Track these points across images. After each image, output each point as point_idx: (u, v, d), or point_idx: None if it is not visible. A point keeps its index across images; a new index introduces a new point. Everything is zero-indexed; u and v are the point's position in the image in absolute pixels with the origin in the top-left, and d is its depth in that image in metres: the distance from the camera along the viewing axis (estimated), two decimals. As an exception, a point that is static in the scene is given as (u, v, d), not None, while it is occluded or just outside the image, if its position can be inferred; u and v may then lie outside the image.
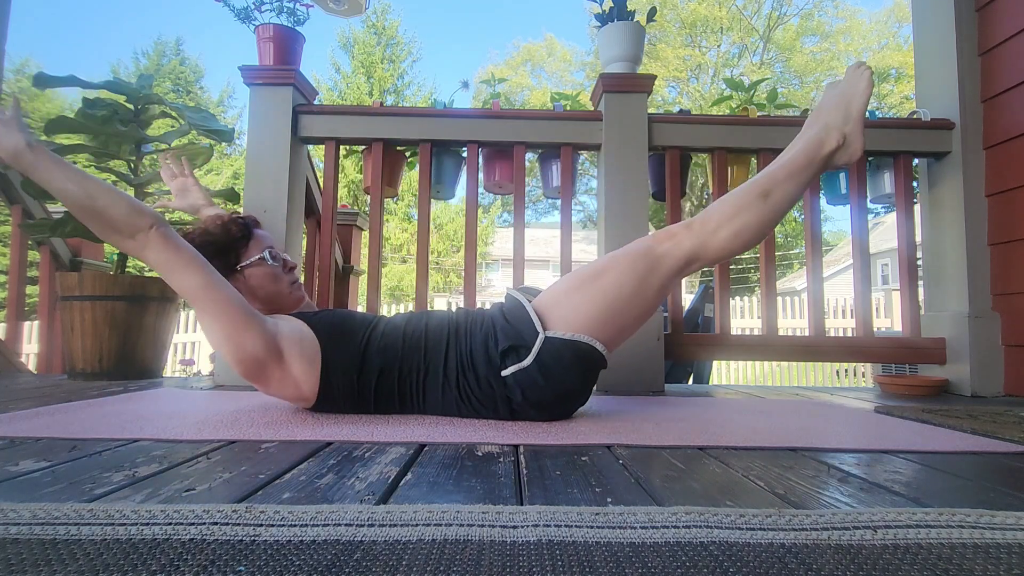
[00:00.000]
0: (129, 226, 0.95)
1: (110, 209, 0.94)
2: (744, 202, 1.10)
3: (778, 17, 20.13)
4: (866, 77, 1.17)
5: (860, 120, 1.16)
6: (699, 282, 16.10)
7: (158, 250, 0.96)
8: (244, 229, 1.15)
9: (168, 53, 18.71)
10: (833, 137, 1.15)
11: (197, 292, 0.98)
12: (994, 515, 0.53)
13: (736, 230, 1.08)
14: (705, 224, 1.09)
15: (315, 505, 0.53)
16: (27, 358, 3.54)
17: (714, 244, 1.08)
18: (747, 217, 1.08)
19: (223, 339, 1.01)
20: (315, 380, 1.08)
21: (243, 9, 1.88)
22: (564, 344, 1.05)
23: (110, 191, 0.96)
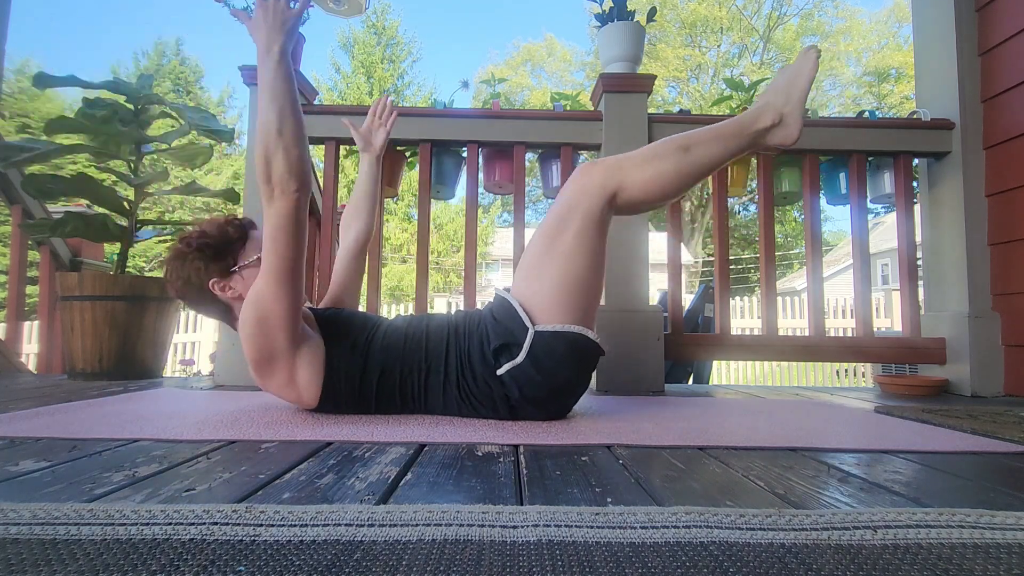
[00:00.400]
0: (284, 178, 0.95)
1: (283, 154, 0.95)
2: (663, 149, 1.11)
3: (778, 17, 20.14)
4: (811, 59, 1.17)
5: (800, 102, 1.16)
6: (699, 282, 16.09)
7: (283, 212, 0.97)
8: (241, 230, 1.15)
9: (168, 53, 18.71)
10: (768, 114, 1.15)
11: (282, 268, 0.98)
12: (994, 515, 0.53)
13: (652, 174, 1.09)
14: (621, 161, 1.11)
15: (315, 505, 0.53)
16: (27, 358, 3.54)
17: (630, 182, 1.09)
18: (664, 165, 1.10)
19: (257, 321, 1.01)
20: (319, 385, 1.08)
21: (243, 9, 1.88)
22: (554, 336, 1.06)
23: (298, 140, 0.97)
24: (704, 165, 1.12)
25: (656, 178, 1.09)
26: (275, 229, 0.97)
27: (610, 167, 1.10)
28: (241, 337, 1.04)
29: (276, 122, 0.95)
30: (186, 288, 1.11)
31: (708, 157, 1.12)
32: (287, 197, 0.96)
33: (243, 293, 1.11)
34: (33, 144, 1.91)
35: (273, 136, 0.95)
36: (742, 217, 21.18)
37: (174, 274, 1.11)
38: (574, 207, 1.08)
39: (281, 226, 0.97)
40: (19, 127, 11.35)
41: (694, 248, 19.18)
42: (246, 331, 1.02)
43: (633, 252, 1.79)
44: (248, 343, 1.03)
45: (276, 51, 0.97)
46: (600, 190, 1.08)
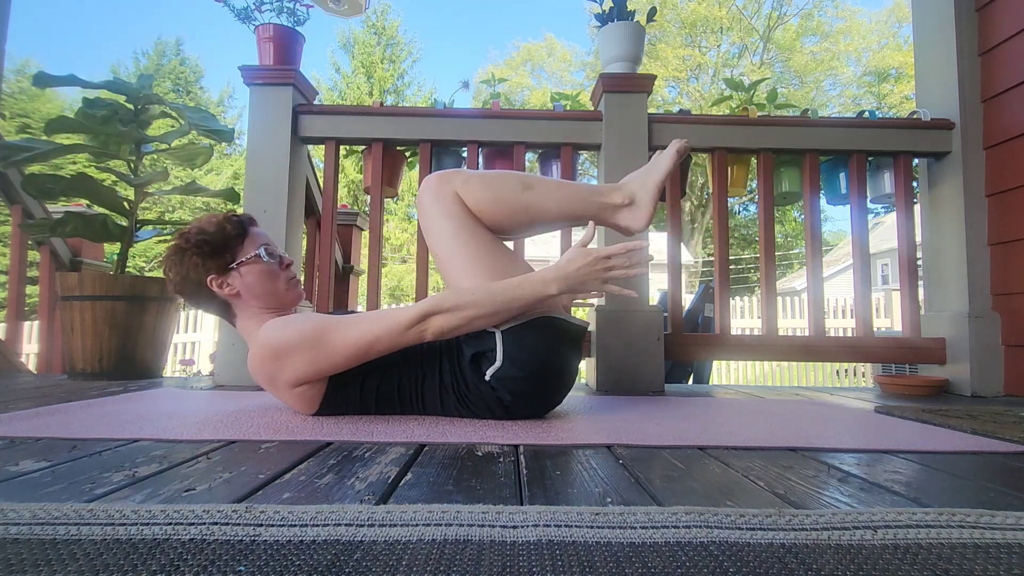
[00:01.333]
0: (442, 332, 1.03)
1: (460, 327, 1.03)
2: (505, 179, 1.15)
3: (778, 17, 20.14)
4: (672, 151, 1.20)
5: (654, 190, 1.19)
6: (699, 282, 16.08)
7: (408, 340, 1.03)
8: (239, 227, 1.15)
9: (168, 53, 18.71)
10: (619, 194, 1.19)
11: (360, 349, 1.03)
12: (994, 515, 0.53)
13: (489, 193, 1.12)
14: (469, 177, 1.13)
15: (315, 505, 0.53)
16: (27, 358, 3.54)
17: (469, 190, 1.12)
18: (501, 191, 1.13)
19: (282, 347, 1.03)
20: (321, 390, 1.08)
21: (243, 9, 1.88)
22: (522, 328, 1.07)
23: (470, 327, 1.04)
24: (539, 210, 1.15)
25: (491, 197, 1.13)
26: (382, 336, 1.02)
27: (444, 175, 1.14)
28: (259, 346, 1.06)
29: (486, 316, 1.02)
30: (184, 284, 1.11)
31: (545, 204, 1.15)
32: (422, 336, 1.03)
33: (241, 290, 1.11)
34: (33, 144, 1.91)
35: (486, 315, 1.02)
36: (742, 217, 21.19)
37: (172, 270, 1.11)
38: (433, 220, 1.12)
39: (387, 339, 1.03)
40: (19, 127, 11.35)
41: (694, 248, 19.18)
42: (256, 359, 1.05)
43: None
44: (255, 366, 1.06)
45: (553, 291, 1.03)
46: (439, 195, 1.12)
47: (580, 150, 1.96)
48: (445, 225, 1.11)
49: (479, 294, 1.02)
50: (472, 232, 1.11)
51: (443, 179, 1.13)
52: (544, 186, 1.16)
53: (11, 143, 1.94)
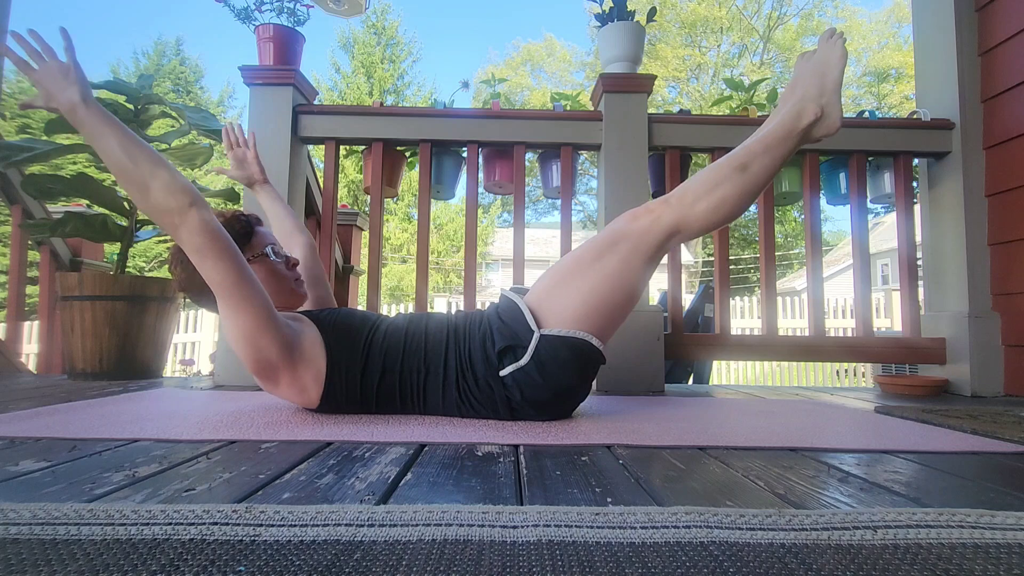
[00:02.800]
0: (168, 202, 0.91)
1: (151, 180, 0.91)
2: (722, 175, 1.09)
3: (778, 17, 20.14)
4: (839, 46, 1.15)
5: (837, 91, 1.14)
6: (699, 282, 16.05)
7: (193, 232, 0.92)
8: (247, 226, 1.15)
9: (168, 53, 18.70)
10: (810, 110, 1.13)
11: (226, 285, 0.95)
12: (994, 515, 0.53)
13: (715, 203, 1.08)
14: (683, 198, 1.08)
15: (315, 505, 0.53)
16: (27, 358, 3.53)
17: (694, 216, 1.07)
18: (726, 190, 1.08)
19: (240, 337, 1.00)
20: (321, 384, 1.08)
21: (243, 9, 1.88)
22: (560, 341, 1.05)
23: (156, 163, 0.92)
24: (762, 179, 1.11)
25: (720, 205, 1.08)
26: (197, 252, 0.93)
27: (676, 208, 1.08)
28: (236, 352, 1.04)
29: (124, 158, 0.91)
30: (190, 282, 1.11)
31: (765, 169, 1.10)
32: (185, 214, 0.92)
33: None
34: (33, 144, 1.91)
35: (130, 170, 0.91)
36: (742, 217, 21.13)
37: (179, 269, 1.11)
38: (629, 237, 1.08)
39: (200, 245, 0.93)
40: (19, 127, 11.35)
41: (694, 248, 19.17)
42: (235, 348, 1.02)
43: (633, 252, 1.79)
44: (241, 357, 1.03)
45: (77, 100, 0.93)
46: (665, 230, 1.07)
47: (580, 150, 1.96)
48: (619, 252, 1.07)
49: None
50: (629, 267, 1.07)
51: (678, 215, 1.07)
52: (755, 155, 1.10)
53: (11, 143, 1.94)
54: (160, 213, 0.92)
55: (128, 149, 0.92)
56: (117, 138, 0.92)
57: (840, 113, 1.14)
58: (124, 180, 0.92)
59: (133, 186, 0.92)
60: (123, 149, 0.91)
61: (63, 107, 0.93)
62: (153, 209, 0.92)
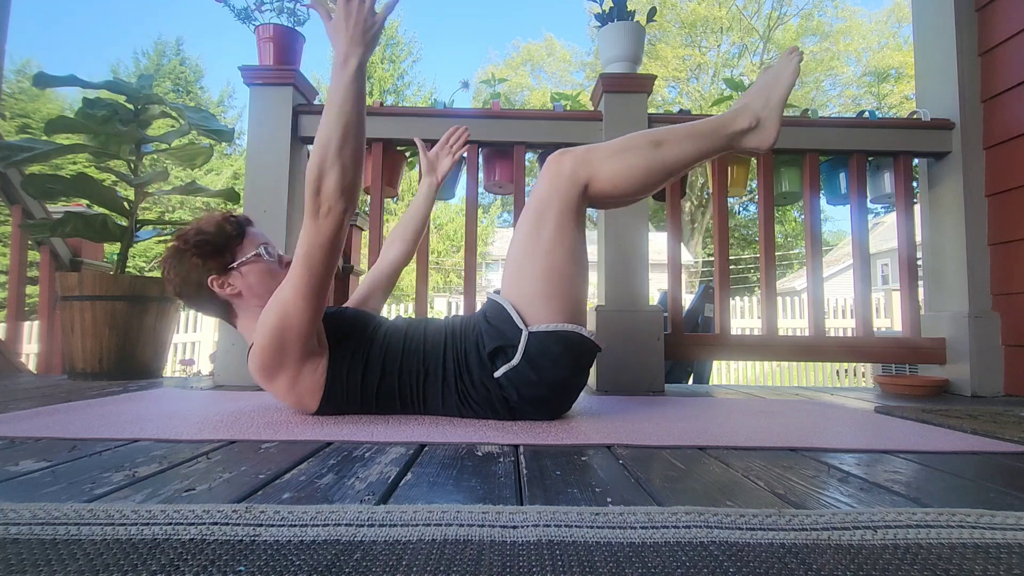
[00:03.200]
0: (331, 194, 0.92)
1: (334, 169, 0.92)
2: (634, 143, 1.10)
3: (778, 17, 20.15)
4: (793, 64, 1.15)
5: (779, 107, 1.15)
6: (699, 282, 16.05)
7: (325, 229, 0.94)
8: (238, 227, 1.15)
9: (168, 53, 18.69)
10: (745, 117, 1.14)
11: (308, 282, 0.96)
12: (994, 515, 0.53)
13: (621, 166, 1.08)
14: (591, 150, 1.10)
15: (315, 505, 0.53)
16: (27, 358, 3.53)
17: (600, 173, 1.08)
18: (633, 159, 1.09)
19: (273, 334, 1.00)
20: (320, 387, 1.08)
21: (243, 9, 1.88)
22: (549, 335, 1.05)
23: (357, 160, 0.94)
24: (675, 163, 1.11)
25: (625, 171, 1.09)
26: (314, 245, 0.95)
27: (579, 157, 1.09)
28: (255, 340, 1.03)
29: (339, 139, 0.92)
30: (184, 285, 1.11)
31: (679, 155, 1.11)
32: (333, 216, 0.94)
33: (242, 290, 1.11)
34: (33, 144, 1.91)
35: (333, 152, 0.92)
36: (742, 217, 21.19)
37: (172, 272, 1.11)
38: (548, 201, 1.08)
39: (321, 243, 0.95)
40: (19, 127, 11.35)
41: (694, 248, 19.18)
42: (263, 336, 1.01)
43: (633, 252, 1.79)
44: (260, 348, 1.02)
45: (354, 64, 0.93)
46: (571, 181, 1.08)
47: (580, 150, 1.96)
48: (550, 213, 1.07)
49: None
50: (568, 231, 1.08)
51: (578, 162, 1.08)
52: (673, 137, 1.11)
53: (11, 143, 1.94)
54: (316, 197, 0.93)
55: (348, 135, 0.92)
56: (349, 119, 0.92)
57: (776, 129, 1.15)
58: (318, 154, 0.93)
59: (318, 160, 0.92)
60: (344, 132, 0.92)
61: (340, 52, 0.93)
62: (314, 190, 0.93)
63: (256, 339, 1.03)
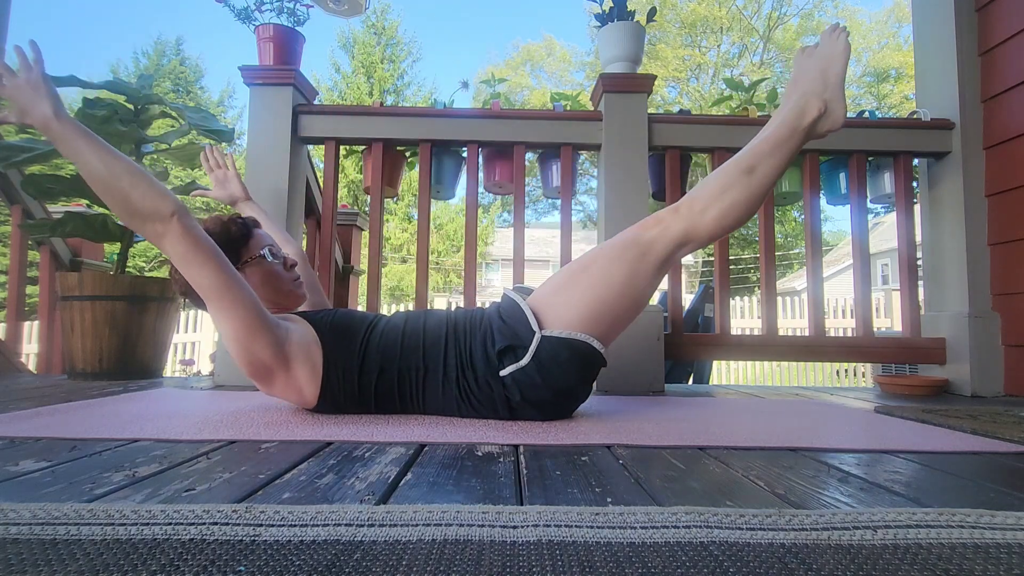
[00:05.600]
0: (149, 211, 0.91)
1: (131, 191, 0.90)
2: (730, 180, 1.08)
3: (778, 17, 20.14)
4: (843, 40, 1.14)
5: (840, 85, 1.13)
6: (699, 282, 16.05)
7: (176, 241, 0.92)
8: (243, 228, 1.15)
9: (168, 53, 18.70)
10: (814, 105, 1.11)
11: (213, 289, 0.96)
12: (994, 515, 0.53)
13: (724, 209, 1.07)
14: (692, 206, 1.08)
15: (315, 505, 0.53)
16: (27, 358, 3.53)
17: (703, 225, 1.07)
18: (734, 195, 1.07)
19: (233, 339, 1.00)
20: (317, 384, 1.08)
21: (243, 9, 1.88)
22: (561, 343, 1.05)
23: (134, 173, 0.91)
24: (770, 180, 1.10)
25: (730, 211, 1.07)
26: (182, 259, 0.94)
27: (686, 216, 1.07)
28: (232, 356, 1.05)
29: (103, 169, 0.90)
30: (189, 285, 1.11)
31: (772, 170, 1.09)
32: (167, 223, 0.91)
33: None
34: (33, 144, 1.91)
35: (109, 180, 0.91)
36: (742, 217, 21.12)
37: (178, 272, 1.11)
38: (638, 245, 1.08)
39: (184, 253, 0.93)
40: (19, 127, 11.34)
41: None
42: (229, 350, 1.03)
43: (633, 252, 1.79)
44: (235, 359, 1.04)
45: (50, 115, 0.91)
46: (675, 240, 1.08)
47: (580, 150, 1.96)
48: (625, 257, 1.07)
49: None
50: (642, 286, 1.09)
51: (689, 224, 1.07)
52: (761, 156, 1.08)
53: (11, 143, 1.94)
54: (142, 223, 0.92)
55: (106, 161, 0.91)
56: (94, 150, 0.91)
57: (844, 107, 1.13)
58: (104, 192, 0.92)
59: (114, 198, 0.92)
60: (101, 161, 0.91)
61: (36, 122, 0.92)
62: (135, 219, 0.92)
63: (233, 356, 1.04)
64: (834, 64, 1.13)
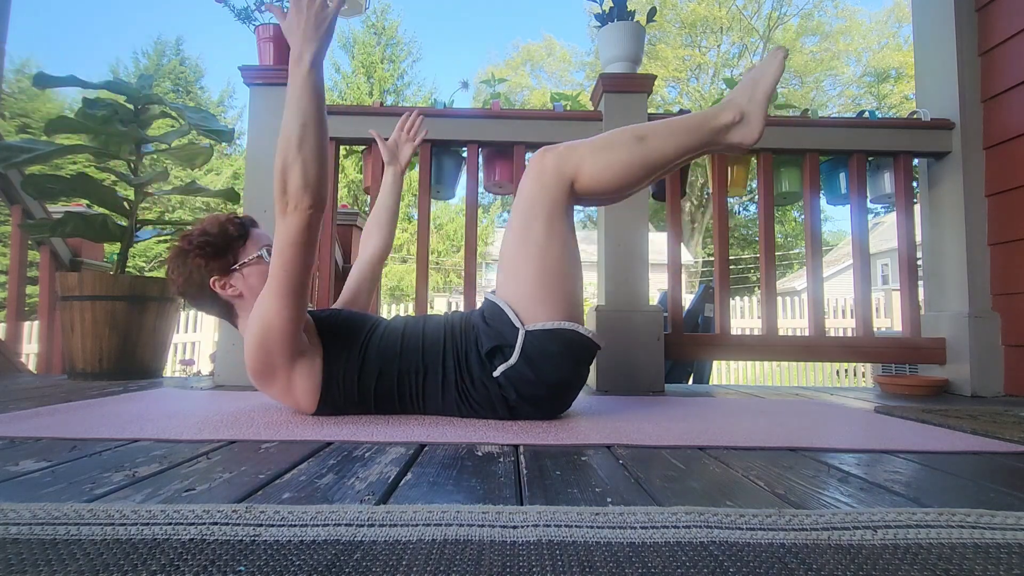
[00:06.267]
0: (296, 191, 0.93)
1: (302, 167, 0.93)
2: (617, 138, 1.10)
3: (778, 17, 20.14)
4: (778, 59, 1.15)
5: (764, 101, 1.14)
6: (699, 282, 16.06)
7: (294, 226, 0.94)
8: (241, 228, 1.16)
9: (168, 53, 18.70)
10: (730, 111, 1.13)
11: (286, 281, 0.96)
12: (994, 515, 0.53)
13: (605, 162, 1.08)
14: (572, 147, 1.10)
15: (315, 505, 0.53)
16: (27, 358, 3.53)
17: (585, 168, 1.08)
18: (617, 153, 1.08)
19: (260, 335, 1.00)
20: (316, 394, 1.08)
21: (243, 9, 1.88)
22: (546, 335, 1.05)
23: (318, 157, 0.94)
24: (659, 157, 1.10)
25: (609, 166, 1.08)
26: (284, 244, 0.95)
27: (562, 154, 1.09)
28: (244, 347, 1.04)
29: (298, 135, 0.93)
30: (187, 285, 1.12)
31: (664, 149, 1.10)
32: (300, 213, 0.94)
33: (244, 291, 1.12)
34: (33, 145, 1.91)
35: (293, 149, 0.93)
36: (742, 217, 21.19)
37: (176, 271, 1.12)
38: (535, 200, 1.09)
39: (291, 241, 0.95)
40: (19, 127, 11.36)
41: (694, 248, 19.18)
42: (249, 344, 1.03)
43: (633, 252, 1.79)
44: (249, 354, 1.04)
45: (307, 60, 0.94)
46: (556, 178, 1.08)
47: (580, 150, 1.95)
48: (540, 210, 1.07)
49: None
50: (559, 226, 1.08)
51: (561, 160, 1.08)
52: (657, 132, 1.10)
53: (11, 144, 1.94)
54: (283, 196, 0.94)
55: (307, 132, 0.93)
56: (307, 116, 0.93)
57: (761, 125, 1.14)
58: (280, 152, 0.93)
59: (281, 158, 0.93)
60: (302, 128, 0.93)
61: (295, 49, 0.94)
62: (280, 189, 0.94)
63: (245, 346, 1.04)
64: (765, 80, 1.15)
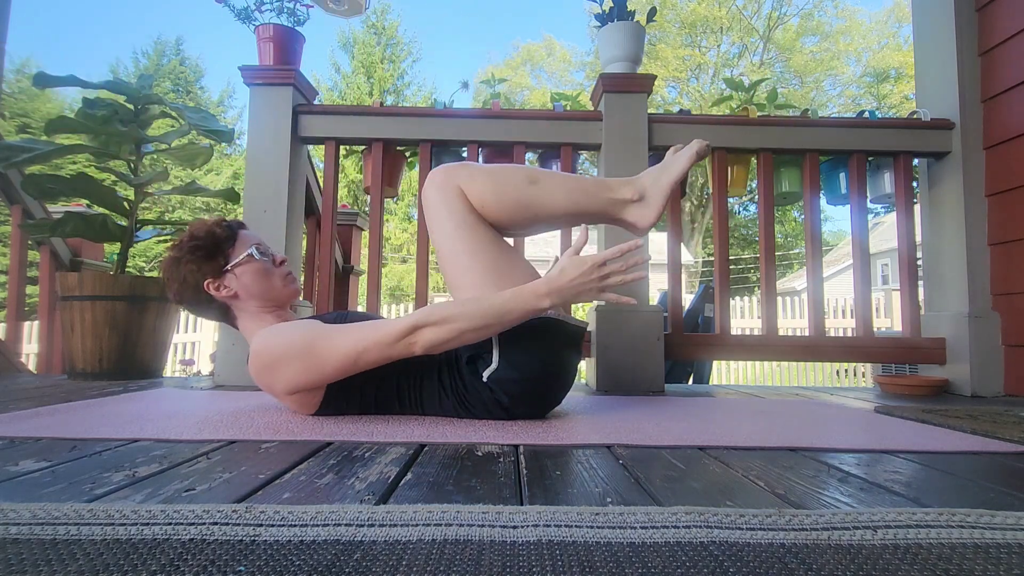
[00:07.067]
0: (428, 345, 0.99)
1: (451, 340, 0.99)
2: (511, 174, 1.12)
3: (778, 17, 20.15)
4: (691, 151, 1.18)
5: (665, 192, 1.17)
6: (699, 282, 16.06)
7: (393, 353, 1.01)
8: (228, 230, 1.16)
9: (168, 53, 18.71)
10: (630, 189, 1.16)
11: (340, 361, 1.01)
12: (994, 515, 0.53)
13: (492, 188, 1.10)
14: (467, 165, 1.12)
15: (315, 505, 0.53)
16: (27, 358, 3.53)
17: (472, 188, 1.09)
18: (506, 186, 1.10)
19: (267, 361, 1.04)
20: (319, 396, 1.08)
21: (243, 9, 1.88)
22: (519, 331, 1.06)
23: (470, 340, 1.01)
24: (545, 205, 1.12)
25: (495, 194, 1.10)
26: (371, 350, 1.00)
27: (450, 170, 1.12)
28: (256, 349, 1.06)
29: (474, 330, 0.98)
30: (183, 290, 1.13)
31: (553, 200, 1.12)
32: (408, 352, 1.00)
33: (238, 291, 1.13)
34: (33, 145, 1.91)
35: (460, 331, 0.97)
36: (742, 217, 21.19)
37: (171, 279, 1.13)
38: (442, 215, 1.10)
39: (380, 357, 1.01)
40: (19, 127, 11.36)
41: (694, 248, 19.17)
42: (257, 361, 1.05)
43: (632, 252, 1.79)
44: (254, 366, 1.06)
45: (546, 305, 0.99)
46: (442, 190, 1.10)
47: (580, 150, 1.96)
48: (446, 221, 1.09)
49: (469, 307, 0.99)
50: (473, 229, 1.09)
51: (448, 173, 1.11)
52: (551, 180, 1.13)
53: (11, 144, 1.93)
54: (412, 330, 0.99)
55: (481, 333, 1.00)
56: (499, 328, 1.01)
57: (658, 211, 1.16)
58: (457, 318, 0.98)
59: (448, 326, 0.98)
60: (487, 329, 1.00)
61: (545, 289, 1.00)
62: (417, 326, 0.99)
63: (258, 350, 1.05)
64: (674, 168, 1.18)
